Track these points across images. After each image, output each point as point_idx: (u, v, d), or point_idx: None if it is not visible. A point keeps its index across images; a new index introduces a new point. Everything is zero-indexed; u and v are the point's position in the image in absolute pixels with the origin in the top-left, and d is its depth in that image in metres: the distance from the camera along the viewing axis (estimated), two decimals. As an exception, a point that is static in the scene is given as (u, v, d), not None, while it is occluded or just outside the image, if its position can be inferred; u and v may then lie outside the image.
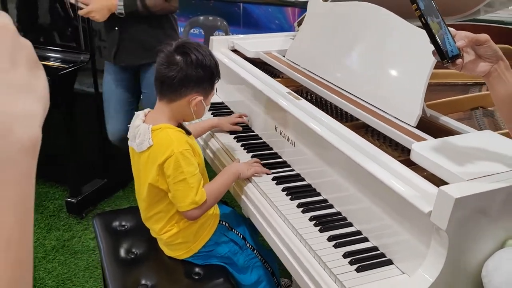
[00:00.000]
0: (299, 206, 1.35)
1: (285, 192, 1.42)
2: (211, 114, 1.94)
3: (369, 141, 1.30)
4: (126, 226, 1.66)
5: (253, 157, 1.61)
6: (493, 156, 1.10)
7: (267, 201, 1.40)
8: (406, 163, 1.17)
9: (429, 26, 0.95)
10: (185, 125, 1.46)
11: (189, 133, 1.43)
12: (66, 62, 2.38)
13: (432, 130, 1.31)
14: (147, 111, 1.44)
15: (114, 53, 2.19)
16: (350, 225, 1.28)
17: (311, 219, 1.30)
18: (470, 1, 1.99)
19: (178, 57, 1.34)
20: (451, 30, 0.98)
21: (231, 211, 1.63)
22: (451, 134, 1.26)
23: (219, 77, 1.43)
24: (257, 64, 1.95)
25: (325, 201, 1.39)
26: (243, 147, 1.70)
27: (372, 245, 1.20)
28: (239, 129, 1.79)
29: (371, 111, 1.41)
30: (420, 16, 0.95)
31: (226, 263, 1.49)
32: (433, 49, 0.97)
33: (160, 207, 1.41)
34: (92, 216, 2.41)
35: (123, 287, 1.42)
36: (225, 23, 3.55)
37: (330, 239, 1.22)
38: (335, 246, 1.19)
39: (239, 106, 1.93)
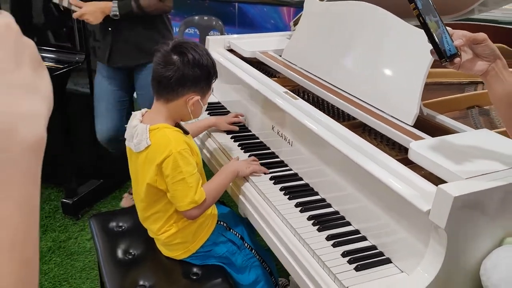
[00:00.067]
0: (297, 205, 1.35)
1: (283, 192, 1.42)
2: (208, 114, 1.94)
3: (366, 140, 1.30)
4: (123, 227, 1.66)
5: (250, 156, 1.61)
6: (490, 155, 1.10)
7: (265, 200, 1.40)
8: (403, 162, 1.18)
9: (427, 25, 0.95)
10: (182, 125, 1.45)
11: (186, 132, 1.43)
12: (61, 63, 2.37)
13: (429, 129, 1.32)
14: (144, 111, 1.44)
15: (108, 54, 2.18)
16: (349, 224, 1.28)
17: (309, 218, 1.30)
18: (464, 0, 2.00)
19: (175, 57, 1.34)
20: (449, 29, 0.99)
21: (229, 211, 1.63)
22: (448, 133, 1.26)
23: (216, 76, 1.43)
24: (253, 64, 1.95)
25: (323, 200, 1.39)
26: (240, 147, 1.70)
27: (370, 244, 1.21)
28: (235, 129, 1.79)
29: (368, 110, 1.41)
30: (418, 15, 0.95)
31: (224, 263, 1.49)
32: (431, 48, 0.97)
33: (158, 207, 1.41)
34: (88, 217, 2.41)
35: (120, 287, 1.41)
36: (220, 22, 3.54)
37: (329, 238, 1.22)
38: (333, 245, 1.20)
39: (236, 105, 1.92)
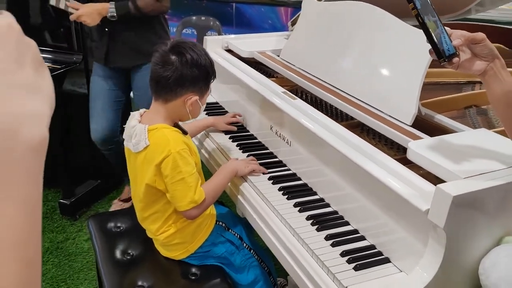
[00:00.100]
0: (295, 205, 1.35)
1: (282, 192, 1.42)
2: (206, 114, 1.94)
3: (364, 140, 1.30)
4: (122, 227, 1.65)
5: (248, 156, 1.61)
6: (488, 154, 1.11)
7: (264, 200, 1.40)
8: (402, 162, 1.18)
9: (426, 25, 0.95)
10: (181, 125, 1.45)
11: (185, 132, 1.43)
12: (59, 63, 2.36)
13: (427, 129, 1.32)
14: (142, 111, 1.44)
15: (104, 55, 2.17)
16: (347, 224, 1.28)
17: (308, 218, 1.30)
18: (461, 1, 2.01)
19: (173, 57, 1.33)
20: (447, 29, 0.99)
21: (228, 211, 1.63)
22: (446, 133, 1.26)
23: (214, 76, 1.43)
24: (251, 64, 1.94)
25: (321, 200, 1.39)
26: (238, 147, 1.70)
27: (369, 244, 1.21)
28: (234, 129, 1.79)
29: (367, 110, 1.41)
30: (417, 15, 0.96)
31: (223, 263, 1.49)
32: (430, 48, 0.97)
33: (157, 207, 1.41)
34: (86, 217, 2.41)
35: (119, 288, 1.41)
36: (217, 23, 3.54)
37: (328, 238, 1.22)
38: (332, 245, 1.20)
39: (234, 106, 1.92)
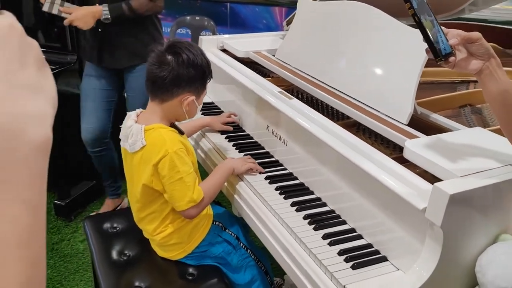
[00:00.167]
0: (292, 204, 1.36)
1: (279, 191, 1.42)
2: (202, 115, 1.93)
3: (361, 139, 1.31)
4: (118, 228, 1.65)
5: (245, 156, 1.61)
6: (484, 153, 1.12)
7: (261, 200, 1.40)
8: (398, 161, 1.18)
9: (423, 25, 0.96)
10: (177, 125, 1.45)
11: (182, 132, 1.43)
12: (53, 63, 2.34)
13: (423, 128, 1.32)
14: (139, 111, 1.43)
15: (97, 55, 2.16)
16: (344, 223, 1.29)
17: (305, 217, 1.30)
18: (455, 0, 2.02)
19: (169, 57, 1.33)
20: (443, 28, 1.00)
21: (224, 211, 1.63)
22: (442, 131, 1.27)
23: (211, 76, 1.43)
24: (247, 64, 1.94)
25: (318, 199, 1.39)
26: (234, 147, 1.70)
27: (366, 242, 1.21)
28: (230, 129, 1.79)
29: (362, 109, 1.42)
30: (413, 14, 0.96)
31: (220, 263, 1.49)
32: (426, 47, 0.98)
33: (154, 207, 1.41)
34: (81, 218, 2.40)
35: (116, 289, 1.40)
36: (212, 23, 3.54)
37: (325, 237, 1.22)
38: (330, 244, 1.20)
39: (230, 106, 1.92)
